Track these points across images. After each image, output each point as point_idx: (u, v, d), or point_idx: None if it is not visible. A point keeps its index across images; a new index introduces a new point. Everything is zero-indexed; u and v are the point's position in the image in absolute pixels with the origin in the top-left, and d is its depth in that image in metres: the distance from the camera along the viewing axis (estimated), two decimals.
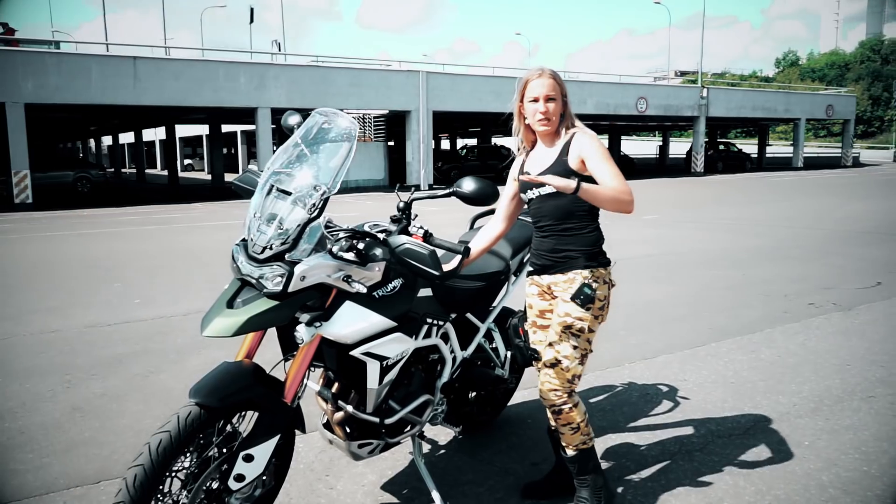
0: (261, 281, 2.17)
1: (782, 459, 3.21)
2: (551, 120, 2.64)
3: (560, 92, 2.65)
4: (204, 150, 50.30)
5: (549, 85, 2.63)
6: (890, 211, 14.65)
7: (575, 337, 2.63)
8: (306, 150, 2.30)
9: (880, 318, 5.75)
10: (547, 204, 2.68)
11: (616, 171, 2.56)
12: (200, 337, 5.60)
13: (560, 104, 2.65)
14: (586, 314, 2.62)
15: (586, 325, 2.63)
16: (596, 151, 2.58)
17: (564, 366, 2.64)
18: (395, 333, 2.42)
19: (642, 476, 3.08)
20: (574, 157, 2.60)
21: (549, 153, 2.68)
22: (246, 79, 22.20)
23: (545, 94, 2.62)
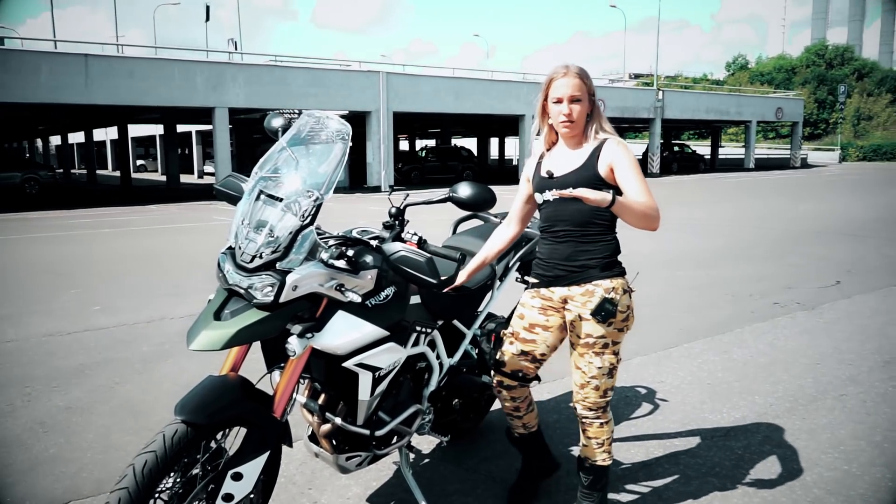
0: (250, 291, 2.07)
1: (765, 460, 3.23)
2: (575, 122, 2.49)
3: (587, 92, 2.49)
4: (157, 151, 49.20)
5: (575, 85, 2.46)
6: (840, 211, 15.10)
7: (599, 355, 2.53)
8: (296, 153, 2.22)
9: (843, 317, 5.89)
10: (567, 208, 2.52)
11: (646, 186, 2.45)
12: (167, 345, 5.46)
13: (587, 105, 2.50)
14: (609, 329, 2.51)
15: (610, 341, 2.53)
16: (628, 162, 2.45)
17: (595, 385, 2.57)
18: (388, 343, 2.35)
19: (629, 479, 3.07)
20: (604, 164, 2.47)
21: (575, 156, 2.54)
22: (203, 78, 21.75)
23: (570, 94, 2.46)
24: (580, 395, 2.61)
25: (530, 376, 2.79)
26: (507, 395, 2.80)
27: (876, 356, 4.79)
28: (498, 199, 2.62)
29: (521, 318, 2.71)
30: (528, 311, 2.68)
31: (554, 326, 2.64)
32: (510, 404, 2.83)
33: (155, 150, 51.51)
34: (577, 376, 2.60)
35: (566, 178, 2.48)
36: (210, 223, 15.02)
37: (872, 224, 12.52)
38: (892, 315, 5.93)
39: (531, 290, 2.70)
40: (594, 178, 2.46)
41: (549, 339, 2.67)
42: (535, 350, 2.69)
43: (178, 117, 30.01)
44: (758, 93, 47.10)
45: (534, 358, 2.72)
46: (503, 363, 2.75)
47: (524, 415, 2.86)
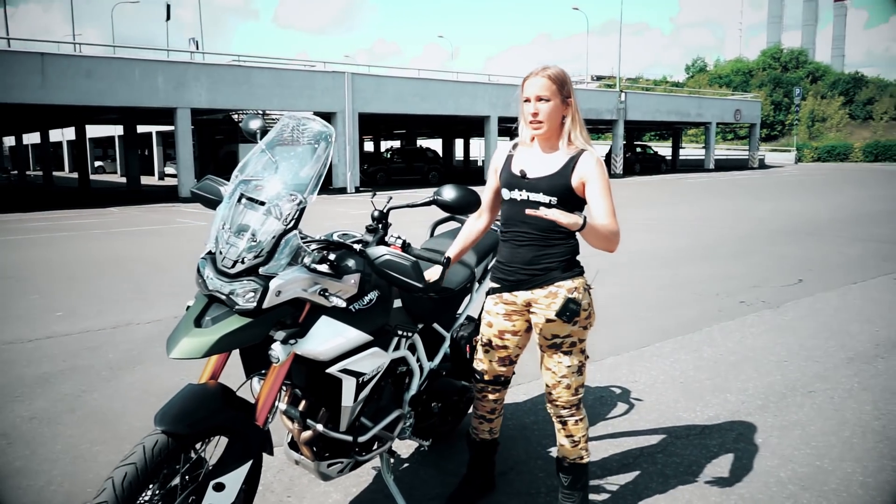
0: (231, 297, 2.03)
1: (741, 458, 3.28)
2: (543, 122, 2.48)
3: (558, 92, 2.47)
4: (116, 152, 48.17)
5: (543, 84, 2.46)
6: (798, 211, 15.47)
7: (567, 354, 2.58)
8: (277, 156, 2.18)
9: (808, 315, 6.02)
10: (530, 216, 2.49)
11: (613, 207, 2.48)
12: (134, 352, 5.33)
13: (558, 106, 2.48)
14: (575, 328, 2.56)
15: (576, 339, 2.58)
16: (601, 182, 2.47)
17: (566, 384, 2.61)
18: (371, 348, 2.32)
19: (609, 481, 3.09)
20: (577, 177, 2.48)
21: (551, 161, 2.53)
22: (164, 78, 21.34)
23: (536, 94, 2.46)
24: (552, 395, 2.66)
25: (510, 377, 2.86)
26: (490, 397, 2.83)
27: (840, 353, 4.91)
28: None
29: (489, 326, 2.74)
30: (494, 318, 2.71)
31: (521, 329, 2.71)
32: (489, 406, 2.87)
33: (114, 152, 50.40)
34: (547, 377, 2.65)
35: (538, 182, 2.52)
36: (173, 226, 14.75)
37: (829, 223, 12.85)
38: (852, 312, 6.08)
39: (493, 295, 2.72)
40: (565, 187, 2.49)
41: (519, 342, 2.74)
42: (510, 354, 2.76)
43: (138, 118, 29.39)
44: (717, 95, 48.02)
45: (510, 361, 2.79)
46: (484, 372, 2.80)
47: (496, 418, 2.92)
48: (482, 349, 2.78)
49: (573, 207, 2.52)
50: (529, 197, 2.53)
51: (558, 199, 2.49)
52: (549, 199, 2.50)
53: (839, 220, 13.29)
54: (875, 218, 13.64)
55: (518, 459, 3.30)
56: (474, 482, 2.93)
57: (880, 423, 3.68)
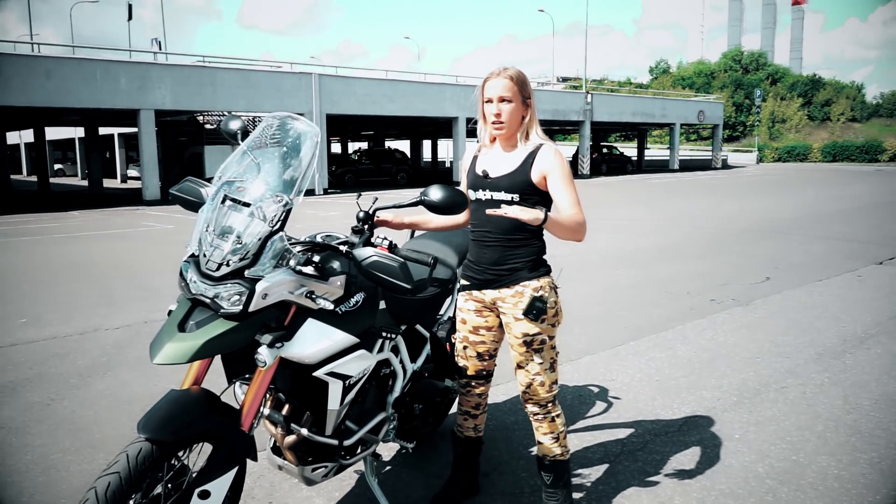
0: (216, 300, 1.99)
1: (719, 454, 3.32)
2: (505, 123, 2.52)
3: (519, 94, 2.52)
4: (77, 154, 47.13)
5: (504, 85, 2.50)
6: (762, 210, 15.77)
7: (538, 352, 2.61)
8: (261, 157, 2.14)
9: (777, 312, 6.14)
10: (498, 216, 2.58)
11: (576, 197, 2.53)
12: (104, 358, 5.21)
13: (519, 107, 2.53)
14: (543, 326, 2.60)
15: (545, 337, 2.62)
16: (561, 173, 2.52)
17: (540, 381, 2.63)
18: (358, 350, 2.30)
19: (591, 479, 3.11)
20: (537, 171, 2.52)
21: (510, 159, 2.58)
22: (127, 79, 20.93)
23: (499, 94, 2.51)
24: (528, 393, 2.69)
25: (492, 370, 2.88)
26: (474, 392, 2.85)
27: (810, 349, 5.01)
28: None
29: (463, 322, 2.78)
30: (467, 314, 2.75)
31: (495, 325, 2.74)
32: (473, 401, 2.89)
33: (74, 154, 49.30)
34: (521, 376, 2.68)
35: (499, 181, 2.56)
36: (139, 229, 14.47)
37: (792, 222, 13.13)
38: (819, 309, 6.22)
39: (464, 292, 2.75)
40: (526, 183, 2.53)
41: (495, 336, 2.78)
42: (488, 349, 2.79)
43: (100, 119, 28.80)
44: (681, 96, 48.77)
45: (489, 355, 2.82)
46: (466, 368, 2.81)
47: (480, 414, 2.94)
48: (461, 346, 2.81)
49: (537, 203, 2.55)
50: (493, 196, 2.57)
51: (520, 196, 2.54)
52: (510, 197, 2.54)
53: (802, 219, 13.59)
54: (836, 217, 13.97)
55: (500, 460, 3.30)
56: (459, 483, 2.93)
57: (851, 417, 3.76)
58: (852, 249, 9.65)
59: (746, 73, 70.54)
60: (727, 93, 62.15)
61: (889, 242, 10.26)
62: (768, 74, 69.65)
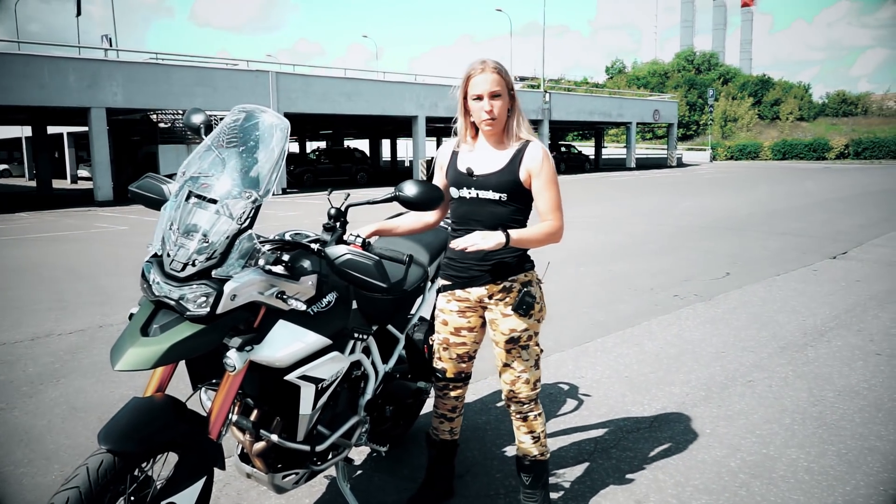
0: (182, 302, 1.88)
1: (691, 449, 3.33)
2: (497, 119, 2.44)
3: (506, 87, 2.44)
4: (23, 154, 45.60)
5: (494, 80, 2.41)
6: (718, 207, 16.06)
7: (524, 349, 2.57)
8: (227, 151, 2.04)
9: (738, 307, 6.22)
10: (482, 209, 2.50)
11: (558, 199, 2.50)
12: (56, 364, 5.00)
13: (506, 100, 2.45)
14: (531, 321, 2.58)
15: (532, 332, 2.59)
16: (546, 172, 2.47)
17: (525, 379, 2.59)
18: (331, 353, 2.21)
19: (566, 478, 3.07)
20: (524, 170, 2.46)
21: (497, 156, 2.50)
22: (76, 76, 20.29)
23: (489, 90, 2.40)
24: (513, 391, 2.64)
25: (470, 372, 2.83)
26: (452, 395, 2.79)
27: (773, 343, 5.08)
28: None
29: (444, 324, 2.70)
30: (449, 316, 2.68)
31: (477, 325, 2.69)
32: (451, 404, 2.83)
33: (20, 154, 47.66)
34: (506, 375, 2.63)
35: (486, 180, 2.49)
36: (91, 231, 14.03)
37: (748, 218, 13.39)
38: (779, 303, 6.32)
39: (445, 293, 2.68)
40: (514, 182, 2.48)
41: (476, 337, 2.72)
42: (468, 350, 2.74)
43: (48, 118, 27.88)
44: (637, 96, 49.51)
45: (469, 357, 2.77)
46: (444, 370, 2.75)
47: (457, 417, 2.88)
48: (440, 348, 2.74)
49: (525, 202, 2.53)
50: (479, 195, 2.51)
51: (508, 196, 2.48)
52: (498, 196, 2.48)
53: (757, 216, 13.87)
54: (789, 213, 14.31)
55: (474, 461, 3.25)
56: (434, 486, 2.86)
57: (817, 409, 3.81)
58: (807, 244, 9.87)
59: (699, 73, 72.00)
60: (681, 92, 63.32)
61: (840, 237, 10.53)
62: (720, 74, 71.19)
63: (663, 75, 71.78)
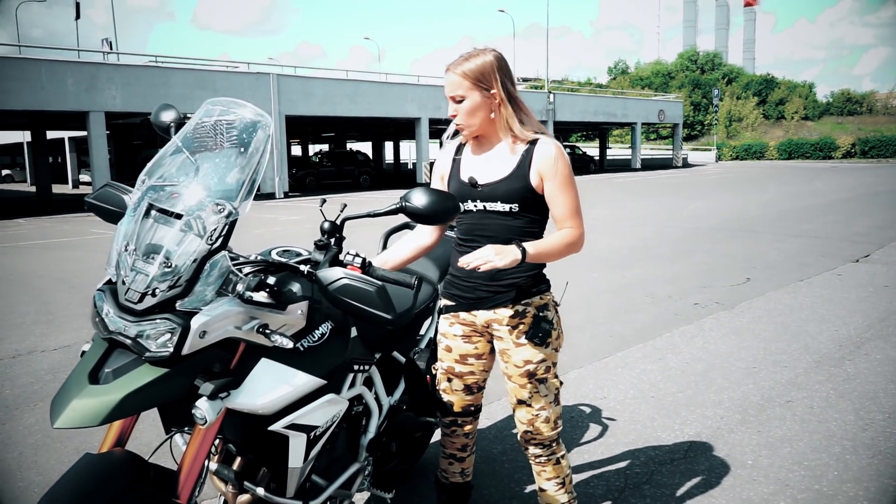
0: (140, 341, 1.54)
1: (734, 485, 2.96)
2: (465, 123, 2.12)
3: (474, 87, 2.07)
4: (25, 159, 45.38)
5: (454, 83, 2.09)
6: (728, 208, 15.68)
7: (542, 382, 2.22)
8: (197, 155, 1.69)
9: (764, 316, 5.86)
10: (492, 222, 2.16)
11: (576, 203, 2.15)
12: (36, 386, 4.64)
13: (480, 103, 2.09)
14: (548, 351, 2.22)
15: (551, 363, 2.24)
16: (561, 172, 2.12)
17: (545, 417, 2.24)
18: (326, 395, 1.86)
19: None
20: (535, 172, 2.12)
21: (503, 161, 2.15)
22: (74, 80, 19.99)
23: (449, 94, 2.11)
24: (531, 432, 2.29)
25: (480, 404, 2.49)
26: (461, 432, 2.45)
27: (806, 356, 4.71)
28: None
29: (448, 350, 2.35)
30: (453, 341, 2.33)
31: (485, 351, 2.34)
32: (460, 442, 2.49)
33: (23, 159, 47.44)
34: (522, 413, 2.27)
35: (493, 189, 2.14)
36: (87, 237, 13.70)
37: (761, 219, 13.02)
38: (806, 311, 5.95)
39: (448, 315, 2.33)
40: (525, 190, 2.12)
41: (485, 365, 2.38)
42: (476, 380, 2.40)
43: (47, 123, 27.62)
44: (641, 96, 49.11)
45: (478, 387, 2.43)
46: (451, 404, 2.41)
47: (468, 456, 2.55)
48: (444, 378, 2.40)
49: (540, 211, 2.19)
50: (486, 207, 2.16)
51: (520, 206, 2.14)
52: (508, 208, 2.14)
53: (769, 217, 13.49)
54: (802, 213, 13.92)
55: (489, 500, 2.89)
56: None
57: (868, 434, 3.45)
58: (825, 247, 9.50)
59: (703, 73, 71.51)
60: (685, 92, 62.83)
61: (859, 239, 10.15)
62: (724, 74, 70.66)
63: (667, 75, 71.29)
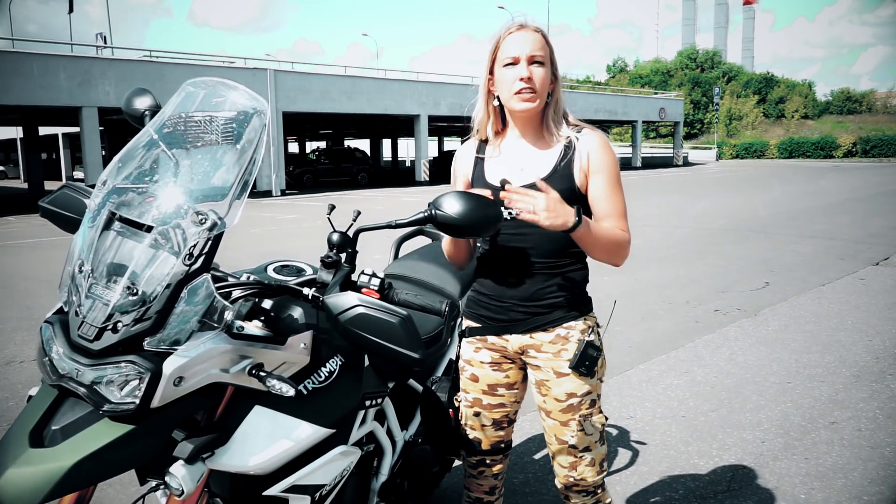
0: (98, 389, 1.19)
1: None
2: (538, 93, 1.76)
3: (549, 58, 1.78)
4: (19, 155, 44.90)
5: (537, 42, 1.75)
6: (735, 208, 15.36)
7: (587, 418, 1.87)
8: (174, 150, 1.34)
9: (790, 324, 5.52)
10: (530, 231, 1.78)
11: (624, 207, 1.85)
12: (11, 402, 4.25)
13: (549, 74, 1.79)
14: (593, 382, 1.88)
15: (596, 395, 1.90)
16: (609, 167, 1.82)
17: (589, 459, 1.90)
18: (335, 448, 1.51)
19: None
20: (580, 168, 1.79)
21: (540, 157, 1.82)
22: (66, 74, 19.56)
23: (529, 53, 1.74)
24: (572, 476, 1.94)
25: (510, 440, 2.13)
26: (490, 472, 2.10)
27: (843, 370, 4.38)
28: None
29: (474, 380, 1.99)
30: (479, 369, 1.98)
31: (517, 380, 2.00)
32: (488, 484, 2.13)
33: (16, 155, 46.95)
34: (564, 457, 1.93)
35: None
36: None
37: (771, 220, 12.70)
38: (834, 319, 5.63)
39: (473, 338, 1.98)
40: (570, 190, 1.79)
41: (517, 395, 2.04)
42: (507, 412, 2.04)
43: (39, 118, 27.18)
44: (641, 94, 48.77)
45: (509, 421, 2.07)
46: (478, 441, 2.05)
47: (496, 499, 2.19)
48: (470, 413, 2.03)
49: (588, 214, 1.84)
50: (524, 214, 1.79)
51: None
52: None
53: (780, 217, 13.17)
54: (812, 214, 13.61)
55: None
56: None
57: None
58: (841, 249, 9.18)
59: (702, 71, 71.21)
60: (685, 90, 62.52)
61: (874, 241, 9.84)
62: (723, 72, 70.38)
63: (666, 73, 70.96)
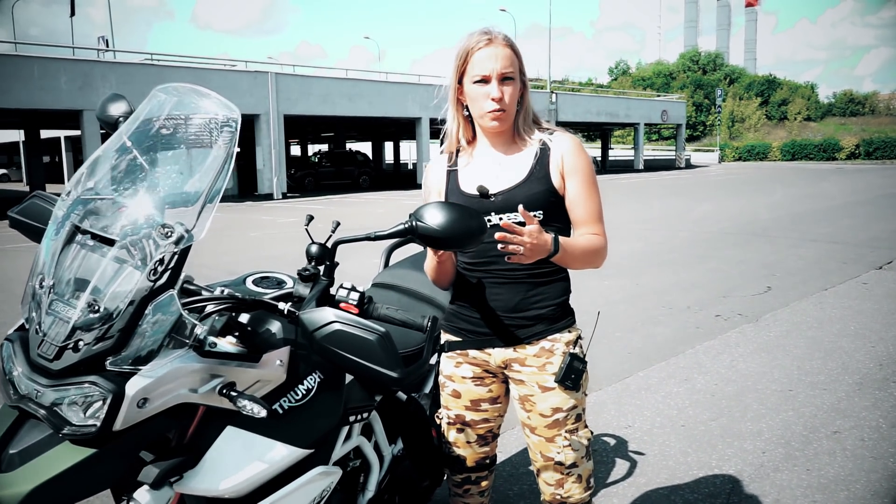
0: (58, 411, 1.14)
1: None
2: (508, 111, 1.73)
3: (518, 69, 1.75)
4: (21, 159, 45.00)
5: (506, 57, 1.71)
6: (737, 211, 15.29)
7: (572, 433, 1.83)
8: (142, 157, 1.29)
9: (792, 329, 5.46)
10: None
11: (600, 208, 1.82)
12: None
13: (518, 86, 1.75)
14: (578, 395, 1.84)
15: (581, 409, 1.86)
16: (583, 169, 1.78)
17: (576, 475, 1.85)
18: (313, 469, 1.45)
19: None
20: (556, 171, 1.76)
21: (514, 163, 1.79)
22: (67, 78, 19.58)
23: (500, 70, 1.70)
24: (559, 494, 1.89)
25: (495, 455, 2.08)
26: (476, 490, 2.04)
27: (846, 377, 4.32)
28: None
29: (456, 397, 1.94)
30: (461, 385, 1.92)
31: (500, 394, 1.95)
32: (475, 502, 2.07)
33: (19, 158, 47.04)
34: (549, 474, 1.88)
35: (511, 197, 1.75)
36: None
37: (773, 223, 12.62)
38: (837, 325, 5.56)
39: (452, 353, 1.92)
40: (548, 192, 1.76)
41: (500, 409, 1.99)
42: (491, 427, 1.99)
43: (41, 122, 27.23)
44: (644, 96, 48.72)
45: (493, 436, 2.02)
46: (462, 459, 2.00)
47: None
48: (454, 430, 1.97)
49: (567, 220, 1.83)
50: (504, 218, 1.74)
51: (545, 213, 1.76)
52: (532, 216, 1.73)
53: (782, 220, 13.10)
54: (814, 217, 13.53)
55: None
56: None
57: None
58: (844, 253, 9.11)
59: (704, 73, 71.15)
60: (687, 93, 62.46)
61: (877, 244, 9.76)
62: (725, 75, 70.34)
63: (668, 76, 70.94)
